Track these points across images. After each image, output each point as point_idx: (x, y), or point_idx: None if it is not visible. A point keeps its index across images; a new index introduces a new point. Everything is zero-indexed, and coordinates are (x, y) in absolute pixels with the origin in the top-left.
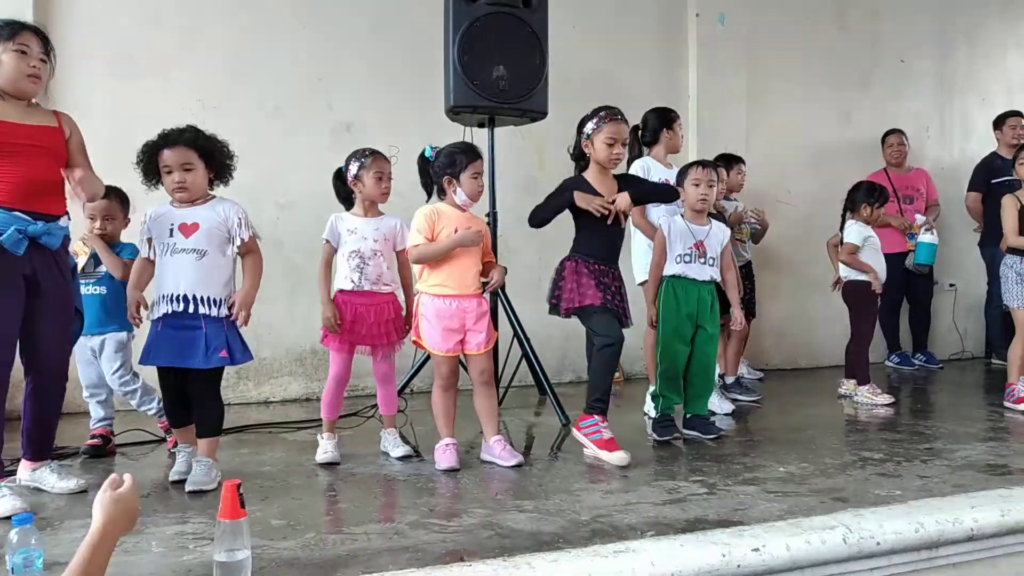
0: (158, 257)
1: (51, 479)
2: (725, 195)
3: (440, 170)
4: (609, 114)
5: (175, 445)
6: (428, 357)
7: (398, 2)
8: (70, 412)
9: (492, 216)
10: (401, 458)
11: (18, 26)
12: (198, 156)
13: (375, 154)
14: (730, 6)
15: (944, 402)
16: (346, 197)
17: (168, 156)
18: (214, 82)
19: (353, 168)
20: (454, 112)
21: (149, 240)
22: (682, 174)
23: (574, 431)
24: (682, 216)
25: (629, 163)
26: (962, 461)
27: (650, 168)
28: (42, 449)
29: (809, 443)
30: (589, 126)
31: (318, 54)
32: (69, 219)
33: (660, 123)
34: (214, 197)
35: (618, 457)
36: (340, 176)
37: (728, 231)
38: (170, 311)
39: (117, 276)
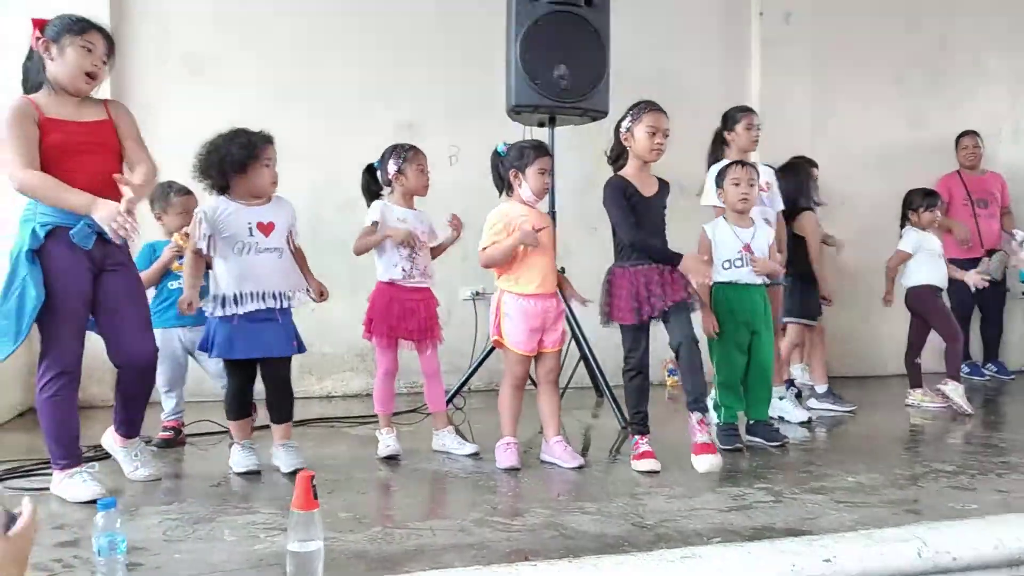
0: (237, 255)
1: (138, 461)
2: None
3: (508, 164)
4: (648, 105)
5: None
6: (488, 355)
7: (459, 1)
8: None
9: (551, 216)
10: (469, 455)
11: (89, 24)
12: None
13: (415, 149)
14: (796, 4)
15: (1018, 414)
16: (373, 194)
17: (272, 151)
18: (279, 82)
19: (393, 163)
20: (515, 111)
21: (211, 237)
22: (720, 175)
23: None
24: (724, 219)
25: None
26: None
27: None
28: (134, 430)
29: (877, 453)
30: (627, 119)
31: (380, 54)
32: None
33: (722, 125)
34: (271, 198)
35: (640, 464)
36: (371, 171)
37: (772, 231)
38: (264, 307)
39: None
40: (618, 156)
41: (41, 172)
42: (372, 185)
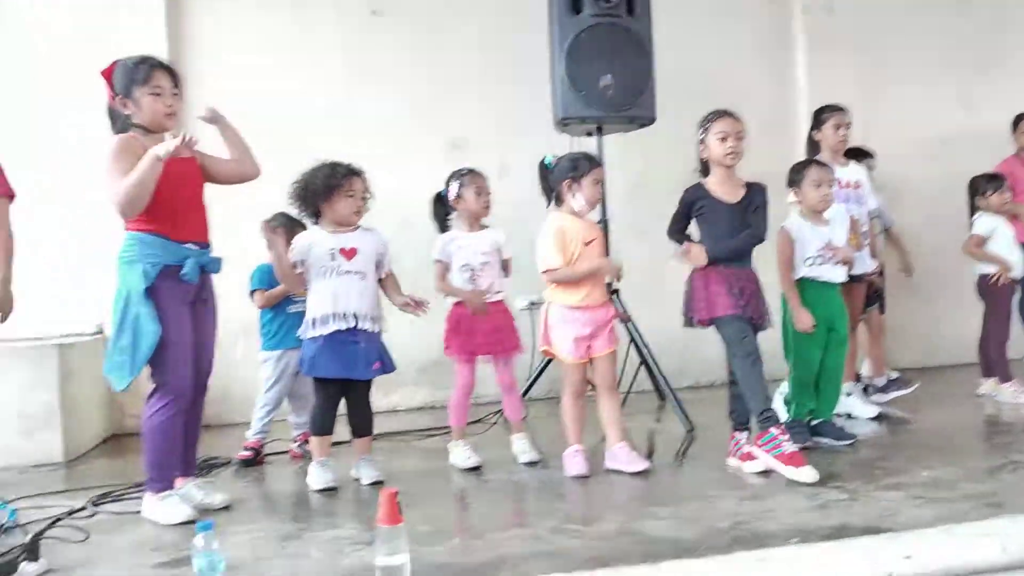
0: (318, 279)
1: (197, 495)
2: None
3: (561, 174)
4: (717, 112)
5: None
6: (547, 365)
7: (503, 18)
8: (217, 424)
9: (603, 224)
10: (528, 463)
11: (149, 67)
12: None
13: (472, 172)
14: None
15: None
16: (442, 220)
17: (358, 183)
18: (333, 104)
19: (454, 188)
20: (563, 123)
21: (303, 263)
22: (798, 174)
23: (755, 451)
24: (802, 217)
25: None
26: None
27: None
28: (190, 466)
29: (951, 446)
30: (700, 131)
31: (427, 74)
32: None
33: (811, 126)
34: (359, 227)
35: (806, 474)
36: (441, 199)
37: (846, 214)
38: (341, 328)
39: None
40: (704, 169)
41: (126, 180)
42: (439, 211)
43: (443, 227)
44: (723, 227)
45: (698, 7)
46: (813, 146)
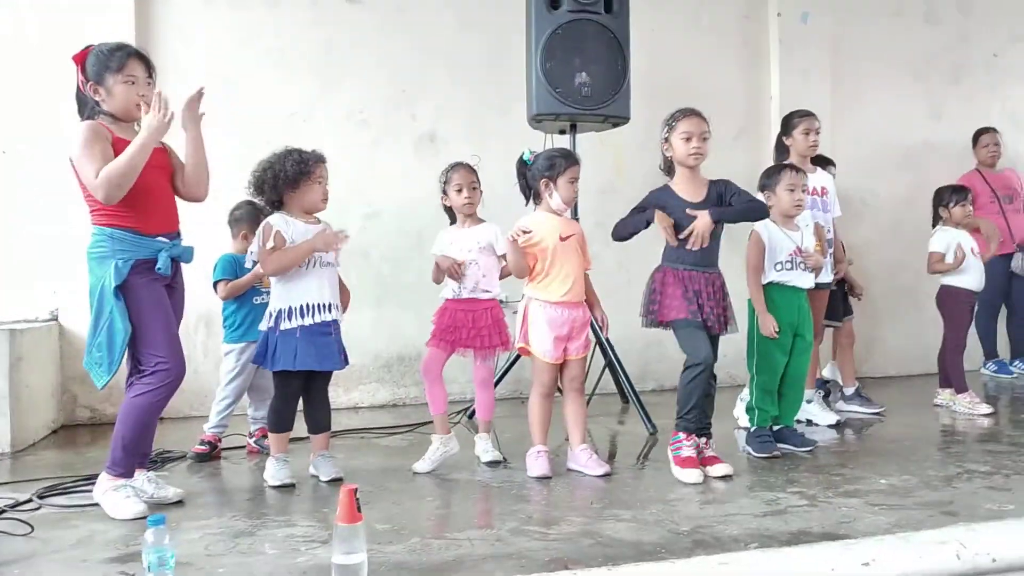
0: (302, 269)
1: (149, 488)
2: None
3: (538, 173)
4: (682, 111)
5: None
6: (512, 364)
7: (480, 11)
8: (172, 417)
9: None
10: (489, 463)
11: (124, 55)
12: None
13: (454, 167)
14: (813, 4)
15: None
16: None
17: (323, 169)
18: (305, 96)
19: (441, 185)
20: (536, 119)
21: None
22: (770, 178)
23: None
24: (773, 222)
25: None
26: None
27: None
28: (144, 456)
29: (909, 454)
30: (664, 130)
31: (402, 66)
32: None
33: (781, 130)
34: (319, 220)
35: (688, 475)
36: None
37: (811, 220)
38: (328, 319)
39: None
40: (669, 168)
41: (107, 167)
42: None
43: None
44: (686, 225)
45: (676, 9)
46: (782, 151)
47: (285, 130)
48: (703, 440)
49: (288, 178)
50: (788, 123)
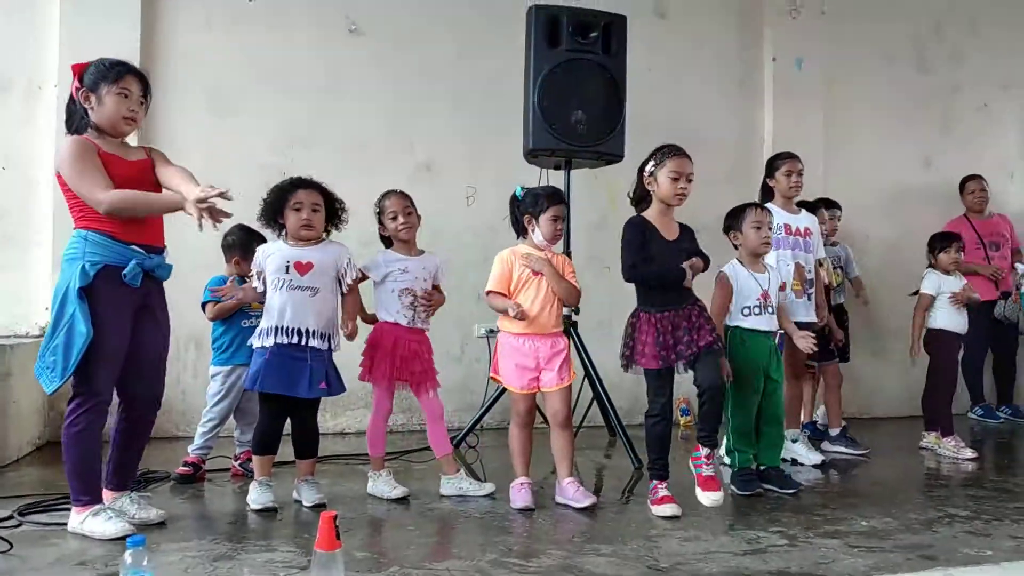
0: (271, 290)
1: (131, 509)
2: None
3: (523, 209)
4: (672, 149)
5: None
6: (501, 393)
7: (479, 46)
8: (159, 437)
9: (567, 255)
10: (488, 495)
11: (123, 69)
12: (324, 200)
13: (386, 195)
14: (807, 50)
15: None
16: (519, 229)
17: (303, 195)
18: (302, 120)
19: (376, 215)
20: (532, 155)
21: (260, 273)
22: (735, 218)
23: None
24: (741, 263)
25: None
26: None
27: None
28: (127, 479)
29: (891, 497)
30: (651, 164)
31: (401, 95)
32: (167, 251)
33: (765, 172)
34: (323, 240)
35: (664, 509)
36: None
37: (791, 260)
38: (285, 342)
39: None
40: (640, 198)
41: (118, 191)
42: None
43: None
44: (665, 261)
45: (672, 50)
46: (766, 193)
47: (282, 154)
48: (705, 452)
49: (269, 207)
50: (771, 165)
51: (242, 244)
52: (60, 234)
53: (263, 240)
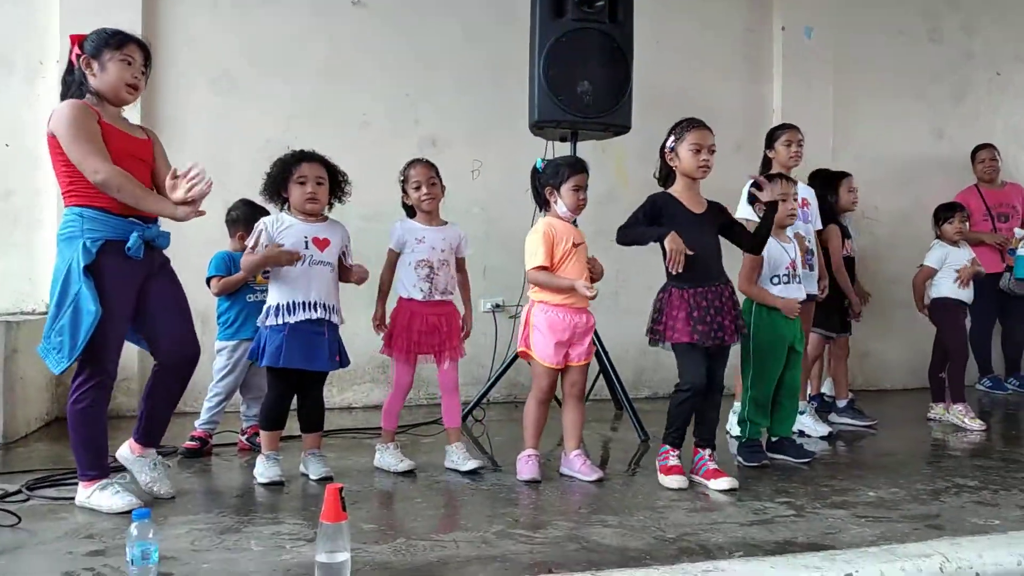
0: (291, 267)
1: (147, 472)
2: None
3: (544, 181)
4: (691, 122)
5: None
6: (507, 367)
7: (485, 18)
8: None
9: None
10: (470, 472)
11: (126, 37)
12: (327, 174)
13: (411, 164)
14: (817, 19)
15: None
16: (541, 202)
17: (306, 168)
18: (305, 97)
19: (400, 183)
20: (538, 127)
21: (258, 237)
22: (761, 189)
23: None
24: None
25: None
26: None
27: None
28: (154, 436)
29: (899, 467)
30: (671, 139)
31: (406, 69)
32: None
33: (765, 144)
34: (328, 218)
35: (671, 480)
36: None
37: (794, 235)
38: (313, 317)
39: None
40: (665, 177)
41: (121, 171)
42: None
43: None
44: (691, 236)
45: (680, 20)
46: (766, 164)
47: (286, 130)
48: (708, 452)
49: (273, 180)
50: (771, 136)
51: (246, 219)
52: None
53: (267, 215)
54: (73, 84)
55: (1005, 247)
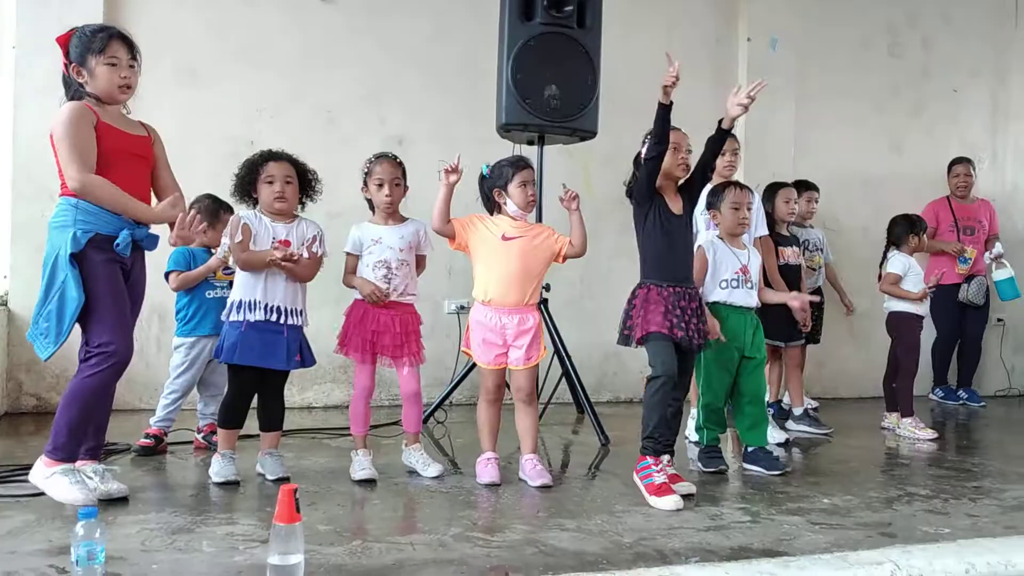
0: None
1: (94, 480)
2: (799, 223)
3: (491, 184)
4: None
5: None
6: (470, 369)
7: (453, 18)
8: (121, 409)
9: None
10: (434, 477)
11: (107, 36)
12: (296, 173)
13: (378, 159)
14: (781, 31)
15: (991, 439)
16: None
17: (274, 167)
18: (271, 92)
19: (363, 175)
20: (505, 129)
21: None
22: (716, 195)
23: (634, 474)
24: (720, 239)
25: None
26: (1013, 502)
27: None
28: (96, 448)
29: (853, 475)
30: (645, 146)
31: (373, 68)
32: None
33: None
34: (296, 216)
35: (666, 502)
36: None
37: (760, 256)
38: (263, 319)
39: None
40: (633, 188)
41: (101, 178)
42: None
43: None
44: (675, 239)
45: (647, 27)
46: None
47: (251, 125)
48: (665, 459)
49: (241, 181)
50: None
51: (210, 212)
52: (19, 200)
53: (230, 209)
54: (72, 86)
55: (961, 255)
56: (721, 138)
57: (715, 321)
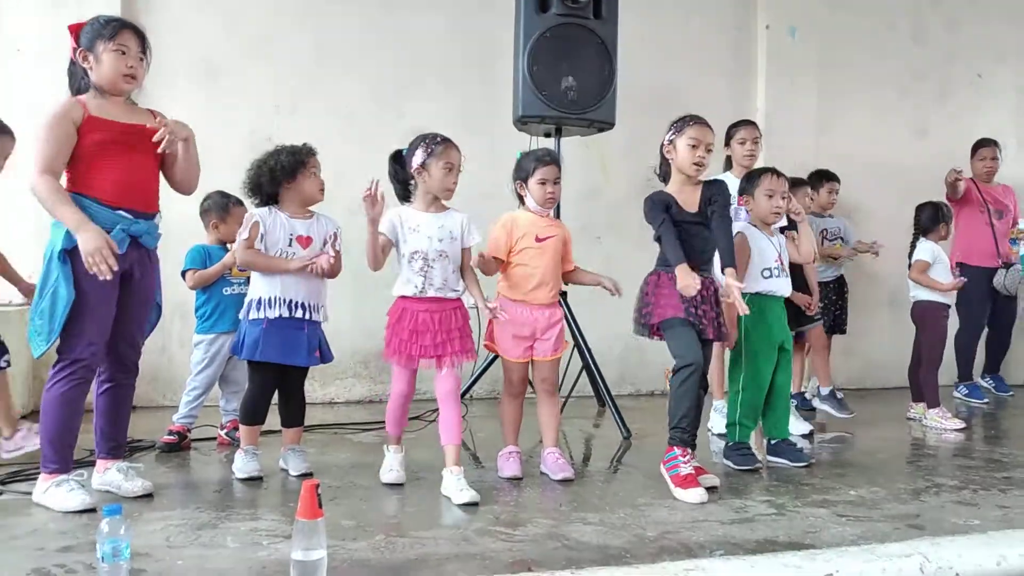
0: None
1: (119, 479)
2: (819, 213)
3: (514, 175)
4: (693, 118)
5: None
6: (490, 363)
7: (470, 12)
8: (144, 406)
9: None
10: (464, 505)
11: (119, 25)
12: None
13: (447, 142)
14: (801, 18)
15: (1020, 429)
16: (403, 183)
17: (317, 162)
18: (289, 88)
19: (419, 155)
20: (522, 122)
21: (255, 228)
22: (750, 181)
23: (661, 465)
24: (755, 227)
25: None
26: None
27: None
28: (115, 448)
29: (879, 467)
30: (670, 132)
31: (391, 62)
32: (160, 216)
33: (724, 141)
34: (313, 214)
35: (691, 495)
36: (399, 159)
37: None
38: (287, 315)
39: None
40: (666, 175)
41: (53, 180)
42: (399, 174)
43: (404, 195)
44: (688, 240)
45: (665, 17)
46: (727, 162)
47: (268, 121)
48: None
49: (285, 171)
50: (728, 134)
51: (219, 207)
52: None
53: (239, 203)
54: (76, 76)
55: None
56: None
57: (735, 329)
